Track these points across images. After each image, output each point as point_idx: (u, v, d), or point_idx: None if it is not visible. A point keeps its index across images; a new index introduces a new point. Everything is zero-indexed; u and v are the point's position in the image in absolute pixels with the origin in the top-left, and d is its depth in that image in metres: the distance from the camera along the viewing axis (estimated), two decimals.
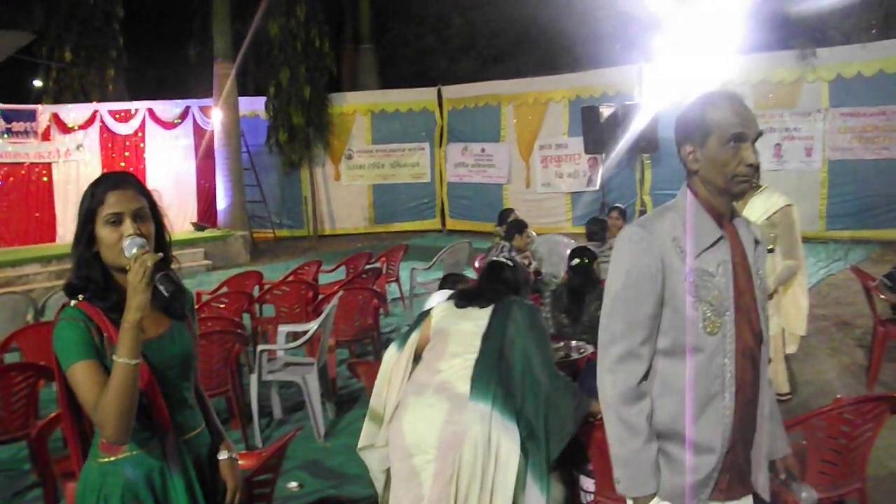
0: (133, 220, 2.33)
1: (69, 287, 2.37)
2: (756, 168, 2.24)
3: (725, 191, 2.29)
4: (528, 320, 3.67)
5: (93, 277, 2.35)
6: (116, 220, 2.32)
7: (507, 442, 3.39)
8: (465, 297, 3.91)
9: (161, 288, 2.26)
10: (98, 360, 2.26)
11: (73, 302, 2.33)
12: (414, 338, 3.86)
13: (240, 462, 2.77)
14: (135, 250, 2.25)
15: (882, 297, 6.61)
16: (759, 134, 2.26)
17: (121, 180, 2.39)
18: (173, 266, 2.50)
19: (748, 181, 2.25)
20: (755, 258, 2.38)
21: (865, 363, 6.57)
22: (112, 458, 2.36)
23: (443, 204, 18.57)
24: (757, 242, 2.40)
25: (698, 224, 2.28)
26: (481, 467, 3.34)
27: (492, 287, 3.94)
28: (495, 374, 3.48)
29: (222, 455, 2.65)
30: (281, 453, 3.26)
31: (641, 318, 2.28)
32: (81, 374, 2.23)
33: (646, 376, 2.32)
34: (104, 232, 2.32)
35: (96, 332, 2.29)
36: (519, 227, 8.02)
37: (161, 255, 2.31)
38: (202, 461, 2.56)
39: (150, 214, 2.40)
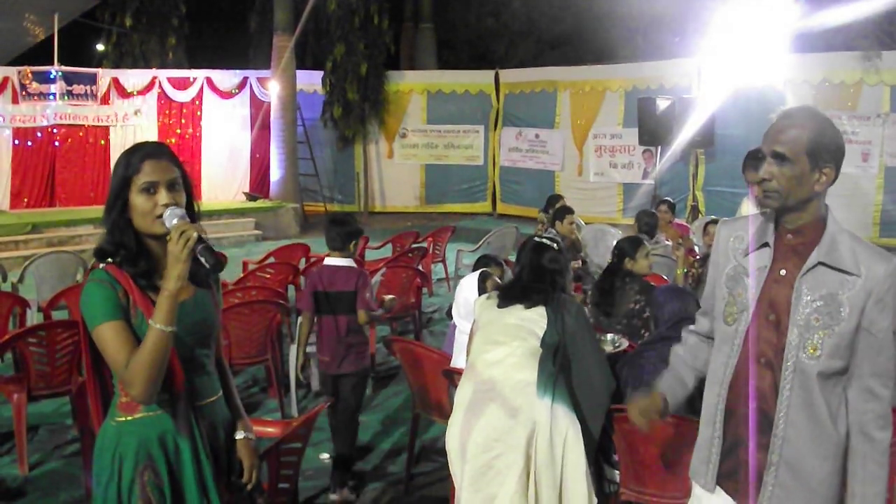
0: (168, 190, 2.36)
1: (100, 251, 2.41)
2: (762, 183, 2.39)
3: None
4: (578, 321, 3.64)
5: (126, 243, 2.38)
6: (151, 189, 2.35)
7: (573, 429, 3.40)
8: (509, 298, 3.77)
9: (202, 259, 2.29)
10: (126, 322, 2.31)
11: (101, 265, 2.37)
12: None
13: (269, 430, 2.79)
14: (175, 220, 2.30)
15: None
16: (773, 152, 2.35)
17: (156, 150, 2.42)
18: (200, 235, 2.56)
19: (766, 196, 2.39)
20: (819, 283, 2.31)
21: None
22: (129, 418, 2.39)
23: (494, 187, 18.45)
24: (846, 273, 2.29)
25: (756, 230, 2.49)
26: (559, 456, 3.35)
27: (537, 287, 3.76)
28: (555, 368, 3.47)
29: (239, 435, 2.66)
30: (310, 424, 3.27)
31: (706, 294, 2.70)
32: (110, 334, 2.28)
33: (699, 335, 2.77)
34: (139, 200, 2.35)
35: (123, 295, 2.33)
36: (562, 213, 7.71)
37: (203, 227, 2.34)
38: (216, 430, 2.57)
39: (182, 185, 2.43)
